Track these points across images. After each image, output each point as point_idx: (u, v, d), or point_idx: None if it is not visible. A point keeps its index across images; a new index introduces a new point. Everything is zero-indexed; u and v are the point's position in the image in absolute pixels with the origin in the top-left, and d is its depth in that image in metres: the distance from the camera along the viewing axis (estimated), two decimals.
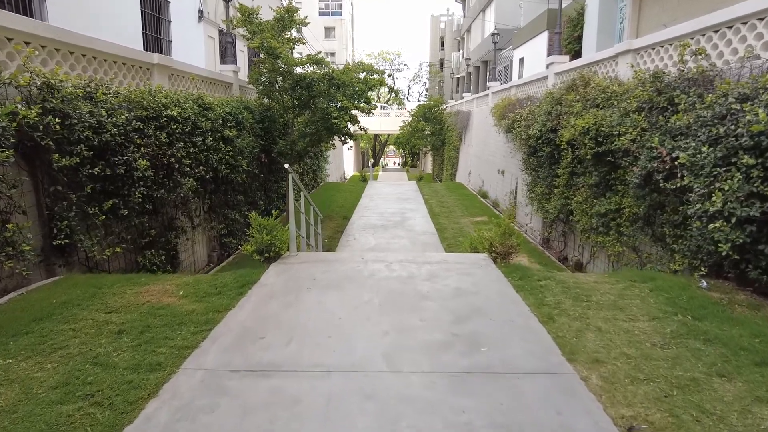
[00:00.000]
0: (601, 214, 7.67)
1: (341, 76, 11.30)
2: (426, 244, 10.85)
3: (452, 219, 13.63)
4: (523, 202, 13.14)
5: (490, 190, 17.83)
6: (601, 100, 7.33)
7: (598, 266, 8.57)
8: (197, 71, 9.54)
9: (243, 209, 10.94)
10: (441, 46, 56.27)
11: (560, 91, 9.04)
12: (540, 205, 10.74)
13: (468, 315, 3.77)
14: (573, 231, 9.60)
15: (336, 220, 13.52)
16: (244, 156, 9.89)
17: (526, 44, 21.01)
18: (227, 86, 11.47)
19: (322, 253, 5.86)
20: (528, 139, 10.66)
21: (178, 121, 7.09)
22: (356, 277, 4.71)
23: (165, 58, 7.95)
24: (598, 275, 5.00)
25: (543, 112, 9.68)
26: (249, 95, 13.13)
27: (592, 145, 7.12)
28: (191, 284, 4.58)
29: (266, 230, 5.41)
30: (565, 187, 9.31)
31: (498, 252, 5.40)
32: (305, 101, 11.92)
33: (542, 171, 10.39)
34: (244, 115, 10.28)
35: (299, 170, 16.95)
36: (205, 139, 8.00)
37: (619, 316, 3.74)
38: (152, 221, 7.09)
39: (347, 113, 11.17)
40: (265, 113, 11.93)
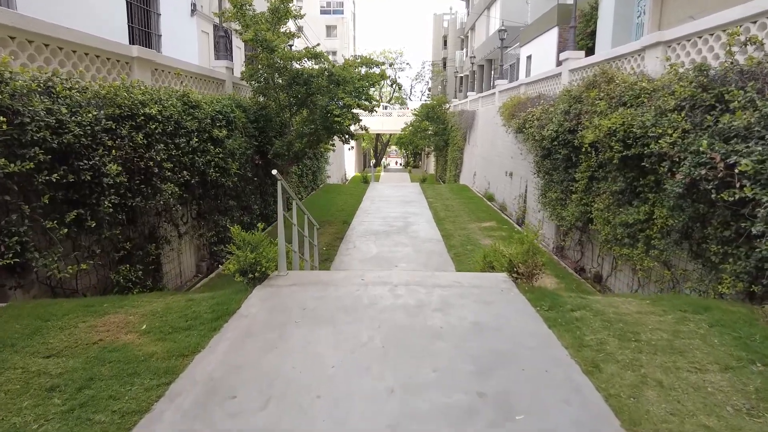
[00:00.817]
0: (627, 224, 6.93)
1: (341, 72, 10.56)
2: (431, 252, 10.11)
3: (458, 224, 12.89)
4: (534, 206, 12.39)
5: (497, 193, 17.08)
6: (629, 97, 6.58)
7: (621, 280, 7.83)
8: (185, 66, 8.81)
9: (235, 214, 10.22)
10: (444, 45, 55.55)
11: (579, 89, 8.29)
12: (554, 212, 9.99)
13: (493, 363, 3.04)
14: (591, 240, 8.85)
15: (335, 225, 12.79)
16: (236, 158, 9.16)
17: (534, 41, 20.25)
18: (219, 83, 10.74)
19: (316, 273, 5.12)
20: (542, 141, 9.91)
21: (158, 120, 6.36)
22: (354, 305, 3.97)
23: (146, 51, 7.23)
24: (639, 301, 4.25)
25: (559, 111, 8.93)
26: (244, 93, 12.40)
27: (619, 147, 6.37)
28: (159, 314, 3.85)
29: (250, 246, 4.68)
30: (584, 192, 8.56)
31: (520, 272, 4.66)
32: (303, 99, 11.19)
33: (557, 175, 9.64)
34: (236, 113, 9.55)
35: (298, 172, 16.24)
36: (190, 140, 7.28)
37: (681, 364, 3.00)
38: (129, 232, 6.36)
39: (350, 111, 10.43)
40: (260, 112, 11.20)
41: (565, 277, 8.79)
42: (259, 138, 11.16)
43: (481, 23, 35.27)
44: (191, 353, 3.18)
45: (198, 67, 9.45)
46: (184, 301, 4.31)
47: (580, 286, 8.25)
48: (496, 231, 12.09)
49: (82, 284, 5.64)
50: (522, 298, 4.20)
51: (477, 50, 33.32)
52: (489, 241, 10.94)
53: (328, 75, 10.50)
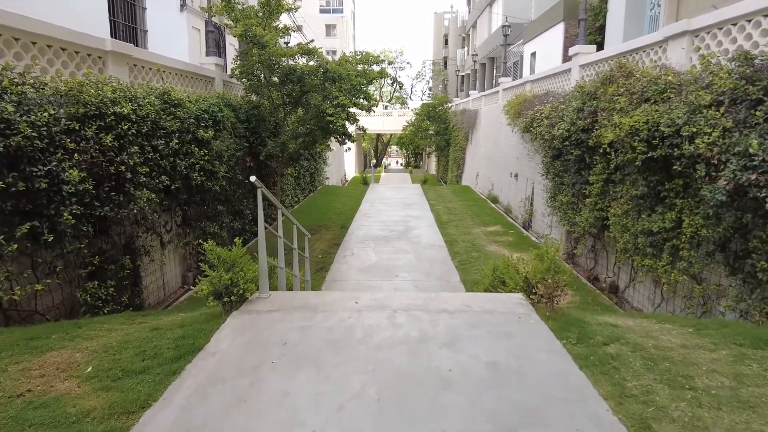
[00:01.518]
0: (649, 233, 6.29)
1: (337, 69, 9.92)
2: (434, 260, 9.47)
3: (462, 228, 12.25)
4: (542, 210, 11.75)
5: (501, 195, 16.44)
6: (652, 93, 5.94)
7: (641, 292, 7.19)
8: (167, 62, 8.19)
9: (225, 220, 9.60)
10: (445, 43, 54.95)
11: (593, 84, 7.65)
12: (565, 216, 9.36)
13: (516, 423, 2.40)
14: (606, 248, 8.22)
15: (333, 230, 12.16)
16: (224, 160, 8.54)
17: (538, 38, 19.60)
18: (208, 81, 10.12)
19: (303, 295, 4.47)
20: (551, 140, 9.27)
21: (132, 120, 5.74)
22: (345, 339, 3.34)
23: (122, 45, 6.60)
24: (680, 329, 3.61)
25: (571, 109, 8.29)
26: (236, 92, 11.78)
27: (642, 148, 5.73)
28: (113, 350, 3.22)
29: (226, 265, 4.05)
30: (599, 197, 7.93)
31: (539, 294, 4.02)
32: (297, 97, 10.56)
33: (568, 177, 9.00)
34: (224, 113, 8.92)
35: (294, 173, 15.62)
36: (170, 141, 6.65)
37: (758, 426, 2.36)
38: (101, 244, 5.74)
39: (344, 110, 9.79)
40: (251, 111, 10.57)
41: (579, 287, 8.15)
42: (250, 139, 10.53)
43: (482, 21, 34.62)
44: (139, 408, 2.55)
45: (184, 64, 8.83)
46: (148, 331, 3.68)
47: (596, 298, 7.61)
48: (501, 236, 11.46)
49: (44, 305, 5.02)
50: (544, 327, 3.57)
51: (479, 48, 32.67)
52: (495, 247, 10.31)
53: (322, 72, 9.87)
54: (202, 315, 4.06)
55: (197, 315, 4.13)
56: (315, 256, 9.63)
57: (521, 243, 10.74)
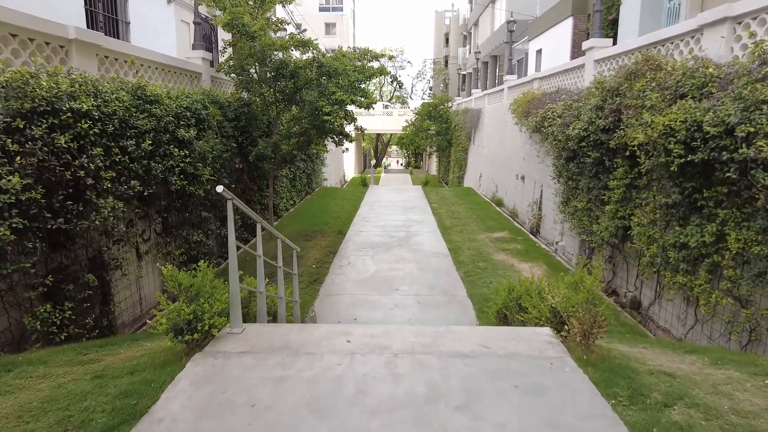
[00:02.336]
0: (683, 246, 5.56)
1: (333, 63, 9.19)
2: (438, 270, 8.73)
3: (467, 234, 11.51)
4: (552, 215, 11.02)
5: (506, 198, 15.70)
6: (689, 88, 5.21)
7: (669, 311, 6.45)
8: (146, 55, 7.46)
9: (211, 227, 8.86)
10: (446, 42, 54.22)
11: (616, 80, 6.91)
12: (579, 223, 8.62)
13: None
14: (627, 260, 7.48)
15: (329, 235, 11.43)
16: (208, 162, 7.80)
17: (544, 34, 18.86)
18: (194, 77, 9.38)
19: (283, 329, 3.70)
20: (565, 141, 8.54)
21: (95, 117, 5.01)
22: (332, 398, 2.60)
23: (88, 33, 5.86)
24: (752, 378, 2.88)
25: (589, 108, 7.56)
26: (225, 88, 11.05)
27: (679, 151, 5.00)
28: (29, 414, 2.49)
29: (188, 294, 3.32)
30: (620, 203, 7.20)
31: (573, 331, 3.28)
32: (290, 94, 9.82)
33: (584, 181, 8.27)
34: (209, 110, 8.19)
35: (290, 175, 14.88)
36: (143, 142, 5.91)
37: None
38: (58, 260, 5.01)
39: (341, 108, 9.05)
40: (241, 109, 9.83)
41: None
42: (239, 139, 9.80)
43: (485, 18, 33.89)
44: None
45: (165, 57, 8.09)
46: (88, 380, 2.95)
47: (617, 316, 6.87)
48: (509, 243, 10.72)
49: None
50: (583, 379, 2.83)
51: (481, 46, 31.93)
52: (503, 256, 9.58)
53: (317, 66, 9.13)
54: (160, 354, 3.32)
55: (156, 353, 3.40)
56: (308, 266, 8.90)
57: (531, 251, 10.00)
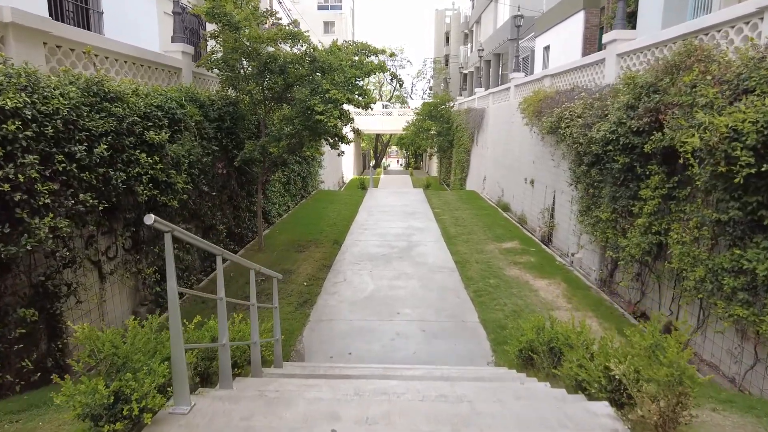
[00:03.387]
0: (743, 272, 4.64)
1: (327, 57, 8.25)
2: (444, 289, 7.80)
3: (474, 245, 10.57)
4: (566, 224, 10.10)
5: (514, 203, 14.77)
6: (758, 81, 4.27)
7: (717, 343, 5.51)
8: (110, 45, 6.52)
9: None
10: (446, 41, 53.30)
11: (652, 74, 5.98)
12: (602, 236, 7.70)
13: None
14: (661, 279, 6.54)
15: (324, 246, 10.49)
16: (183, 168, 6.86)
17: (552, 30, 17.93)
18: (173, 72, 8.44)
19: (247, 407, 2.73)
20: (587, 144, 7.61)
21: (26, 117, 4.07)
22: None
23: (30, 17, 4.91)
24: None
25: (617, 107, 6.63)
26: (210, 86, 10.11)
27: (748, 159, 4.07)
28: None
29: (114, 362, 2.39)
30: (654, 216, 6.28)
31: (652, 420, 2.33)
32: (280, 92, 8.89)
33: (609, 189, 7.34)
34: (187, 109, 7.25)
35: (283, 179, 13.93)
36: (96, 147, 4.98)
37: None
38: None
39: (336, 107, 8.11)
40: (226, 109, 8.90)
41: (621, 323, 6.47)
42: (224, 141, 8.86)
43: (487, 15, 32.95)
44: None
45: (136, 49, 7.15)
46: None
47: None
48: (520, 255, 9.78)
49: None
50: None
51: (484, 44, 30.98)
52: (515, 271, 8.64)
53: (309, 60, 8.19)
54: None
55: None
56: (299, 284, 7.96)
57: (545, 265, 9.07)
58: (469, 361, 5.42)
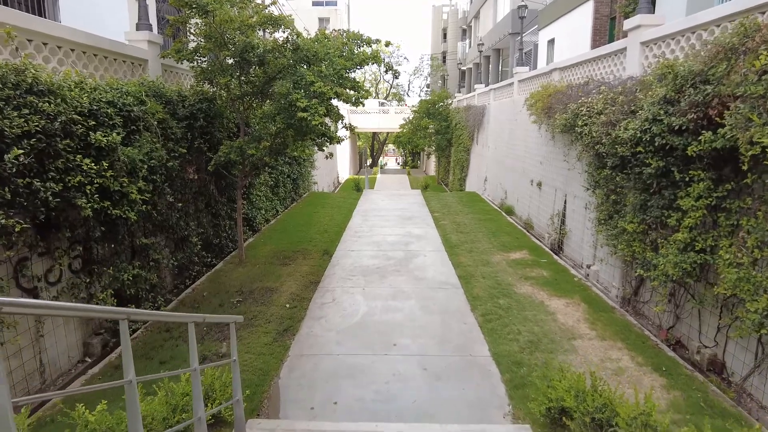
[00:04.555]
0: None
1: (313, 46, 7.23)
2: (447, 312, 6.80)
3: (478, 255, 9.58)
4: (579, 231, 9.12)
5: (518, 206, 13.79)
6: None
7: None
8: (49, 29, 5.48)
9: (158, 255, 6.92)
10: (443, 38, 52.32)
11: (699, 61, 4.98)
12: (627, 250, 6.71)
13: None
14: (704, 303, 5.55)
15: (312, 257, 9.47)
16: (140, 175, 5.83)
17: (558, 22, 16.95)
18: (137, 64, 7.40)
19: None
20: (611, 145, 6.62)
21: None
22: None
23: None
24: None
25: (652, 101, 5.63)
26: (183, 80, 9.07)
27: None
28: None
29: None
30: (697, 230, 5.29)
31: None
32: (261, 86, 7.85)
33: (637, 196, 6.36)
34: (148, 106, 6.22)
35: (270, 181, 12.90)
36: (7, 152, 3.95)
37: None
38: None
39: (322, 103, 7.08)
40: (199, 105, 7.86)
41: (657, 357, 5.49)
42: (195, 142, 7.83)
43: (486, 10, 31.94)
44: None
45: (86, 36, 6.10)
46: None
47: (692, 382, 4.92)
48: (531, 267, 8.79)
49: None
50: None
51: (483, 39, 29.94)
52: (528, 288, 7.65)
53: (292, 49, 7.16)
54: None
55: None
56: (281, 306, 6.95)
57: (560, 280, 8.08)
58: (481, 412, 4.43)
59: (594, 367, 5.25)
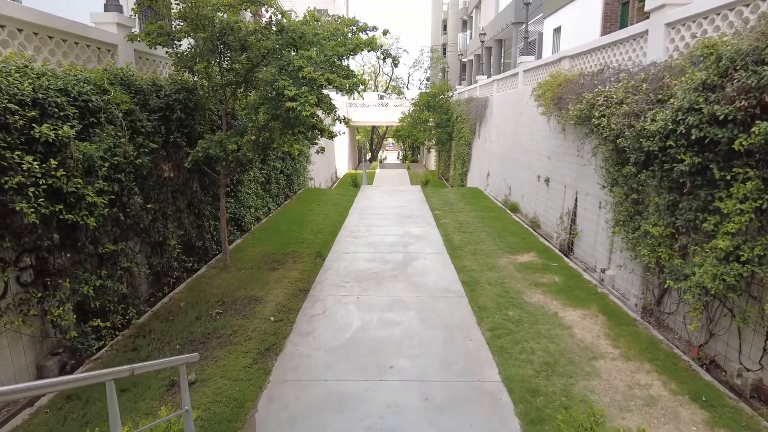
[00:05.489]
0: None
1: (301, 28, 6.47)
2: (450, 326, 6.08)
3: (483, 258, 8.86)
4: (592, 232, 8.40)
5: (524, 203, 13.06)
6: None
7: None
8: None
9: (128, 263, 6.20)
10: (444, 29, 51.41)
11: (750, 39, 4.23)
12: (652, 255, 6.00)
13: None
14: (748, 320, 4.83)
15: (304, 260, 8.76)
16: (100, 173, 5.10)
17: (564, 9, 16.13)
18: (104, 49, 6.64)
19: None
20: (635, 138, 5.88)
21: None
22: None
23: None
24: None
25: (687, 88, 4.89)
26: (161, 69, 8.30)
27: None
28: None
29: None
30: (741, 237, 4.57)
31: None
32: (244, 73, 7.10)
33: (665, 197, 5.63)
34: (111, 95, 5.48)
35: (261, 178, 12.16)
36: None
37: None
38: None
39: (313, 91, 6.31)
40: (176, 96, 7.10)
41: (693, 382, 4.78)
42: (171, 136, 7.08)
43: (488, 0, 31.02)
44: None
45: (34, 14, 5.33)
46: None
47: (738, 414, 4.20)
48: (541, 272, 8.07)
49: None
50: None
51: (486, 29, 29.06)
52: (539, 296, 6.94)
53: (277, 31, 6.39)
54: None
55: None
56: (265, 318, 6.23)
57: (574, 287, 7.36)
58: None
59: (621, 395, 4.55)
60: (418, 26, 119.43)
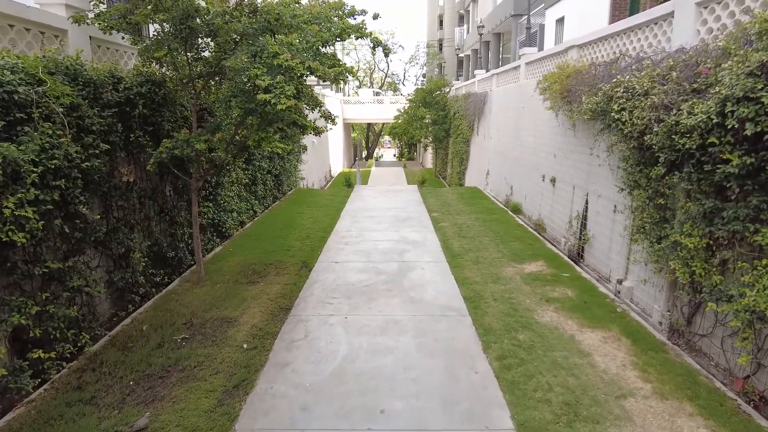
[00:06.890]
0: None
1: (277, 9, 5.60)
2: (452, 352, 5.24)
3: (486, 267, 8.02)
4: (606, 238, 7.58)
5: (527, 204, 12.24)
6: None
7: None
8: None
9: (77, 282, 5.32)
10: (440, 24, 50.53)
11: None
12: (685, 270, 5.18)
13: None
14: None
15: (288, 271, 7.90)
16: (29, 181, 4.22)
17: None
18: (51, 35, 5.75)
19: None
20: (667, 135, 5.05)
21: None
22: None
23: None
24: None
25: (741, 72, 4.06)
26: (128, 60, 7.41)
27: None
28: None
29: None
30: None
31: None
32: (215, 63, 6.22)
33: (701, 203, 4.81)
34: (47, 86, 4.60)
35: (246, 179, 11.29)
36: None
37: None
38: None
39: (291, 81, 5.43)
40: (138, 89, 6.22)
41: (739, 427, 3.97)
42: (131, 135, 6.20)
43: None
44: None
45: None
46: None
47: None
48: (552, 284, 7.25)
49: None
50: None
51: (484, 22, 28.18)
52: (551, 315, 6.10)
53: (249, 12, 5.52)
54: None
55: None
56: (237, 345, 5.38)
57: (591, 303, 6.53)
58: None
59: None
60: (413, 21, 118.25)
